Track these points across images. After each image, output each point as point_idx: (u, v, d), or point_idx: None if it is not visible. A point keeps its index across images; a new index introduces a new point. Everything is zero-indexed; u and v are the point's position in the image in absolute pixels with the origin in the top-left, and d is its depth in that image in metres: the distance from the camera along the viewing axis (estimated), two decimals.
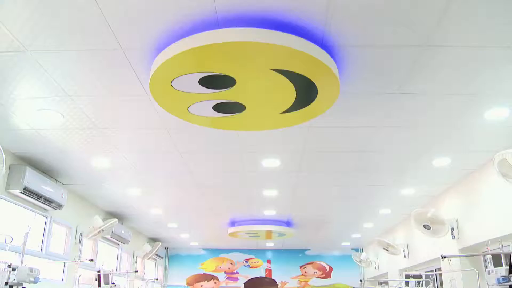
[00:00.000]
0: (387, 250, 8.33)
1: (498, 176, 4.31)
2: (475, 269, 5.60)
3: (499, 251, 4.89)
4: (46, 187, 5.55)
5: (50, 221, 6.15)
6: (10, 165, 5.14)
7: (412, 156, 5.26)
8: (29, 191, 5.22)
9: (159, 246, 8.25)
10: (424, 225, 6.25)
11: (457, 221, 6.20)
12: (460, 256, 5.96)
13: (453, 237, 6.21)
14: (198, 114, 3.78)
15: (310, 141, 4.78)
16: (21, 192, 5.12)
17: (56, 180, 6.10)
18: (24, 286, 4.94)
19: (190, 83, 3.24)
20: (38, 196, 5.43)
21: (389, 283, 8.38)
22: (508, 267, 4.57)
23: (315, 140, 4.77)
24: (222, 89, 3.35)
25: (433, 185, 6.38)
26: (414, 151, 5.11)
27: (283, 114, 3.75)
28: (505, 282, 4.53)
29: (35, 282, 4.93)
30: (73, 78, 3.54)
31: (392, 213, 8.08)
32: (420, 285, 6.81)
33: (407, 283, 6.88)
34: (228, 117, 3.85)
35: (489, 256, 5.33)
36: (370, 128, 4.48)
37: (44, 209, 5.85)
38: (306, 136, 4.64)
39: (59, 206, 5.91)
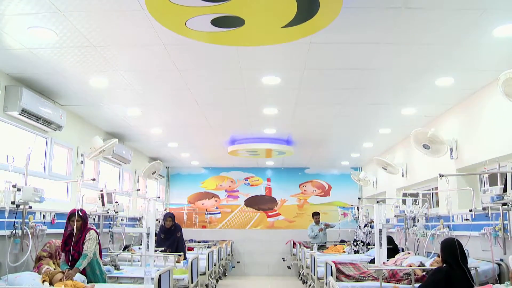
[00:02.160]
0: (386, 169, 8.47)
1: (502, 95, 4.26)
2: (471, 189, 5.72)
3: (495, 170, 4.96)
4: (44, 109, 5.51)
5: (51, 143, 6.18)
6: (5, 86, 5.07)
7: (414, 75, 5.17)
8: (27, 113, 5.18)
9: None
10: (423, 145, 6.29)
11: (456, 141, 6.23)
12: (457, 175, 6.06)
13: (452, 157, 6.27)
14: (196, 29, 3.67)
15: (310, 57, 4.66)
16: (19, 114, 5.09)
17: (54, 101, 6.04)
18: (30, 205, 5.08)
19: None
20: (37, 118, 5.41)
21: (387, 201, 8.61)
22: (503, 186, 4.65)
23: (315, 57, 4.65)
24: (221, 2, 3.20)
25: (434, 105, 6.34)
26: (417, 70, 5.01)
27: (284, 28, 3.65)
28: (499, 200, 4.64)
29: (40, 201, 5.06)
30: None
31: (392, 133, 8.11)
32: (417, 203, 6.99)
33: (404, 201, 7.07)
34: (227, 31, 3.74)
35: (486, 176, 5.43)
36: (372, 44, 4.34)
37: (44, 130, 5.85)
38: (306, 52, 4.52)
39: (59, 127, 5.91)
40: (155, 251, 7.17)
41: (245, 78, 5.35)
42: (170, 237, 7.89)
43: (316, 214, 10.94)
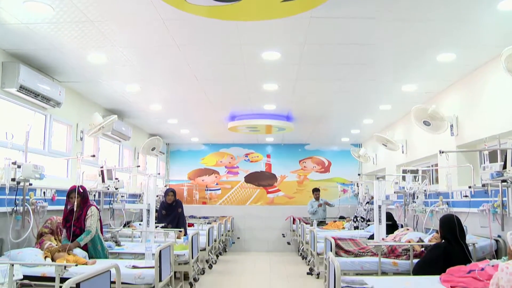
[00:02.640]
0: (386, 146, 8.46)
1: (505, 72, 4.22)
2: (471, 165, 5.72)
3: (496, 147, 4.96)
4: (42, 85, 5.46)
5: (50, 120, 6.15)
6: (2, 63, 5.01)
7: (415, 51, 5.11)
8: (26, 89, 5.14)
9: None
10: (424, 122, 6.27)
11: (457, 118, 6.20)
12: (457, 151, 6.05)
13: (452, 134, 6.26)
14: (195, 3, 3.61)
15: (311, 32, 4.59)
16: (17, 91, 5.05)
17: (53, 78, 5.99)
18: (30, 182, 5.09)
19: None
20: (35, 95, 5.37)
21: (386, 177, 8.63)
22: (503, 163, 4.66)
23: (316, 32, 4.59)
24: None
25: (435, 81, 6.29)
26: (418, 46, 4.94)
27: (284, 2, 3.60)
28: (498, 177, 4.65)
29: (40, 178, 5.07)
30: None
31: (392, 110, 8.08)
32: (416, 179, 7.00)
33: (403, 178, 7.08)
34: (226, 5, 3.68)
35: (486, 153, 5.41)
36: (373, 20, 4.28)
37: (43, 107, 5.82)
38: (307, 27, 4.46)
39: (58, 104, 5.87)
40: (156, 227, 7.22)
41: (244, 54, 5.29)
42: (171, 213, 7.93)
43: (316, 190, 10.99)
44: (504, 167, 4.58)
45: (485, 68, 5.44)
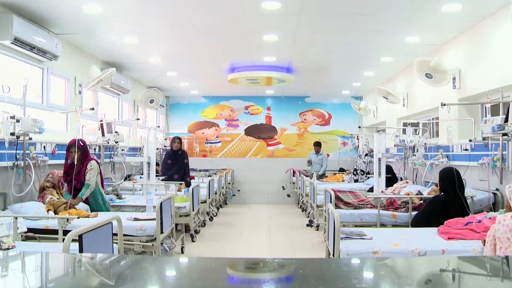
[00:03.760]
0: (387, 99, 8.40)
1: None
2: (472, 119, 5.68)
3: (498, 100, 4.91)
4: (38, 37, 5.33)
5: (47, 73, 6.07)
6: None
7: (420, 0, 4.95)
8: (20, 42, 5.02)
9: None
10: (426, 74, 6.18)
11: (459, 70, 6.11)
12: (459, 104, 6.00)
13: (454, 87, 6.19)
14: None
15: None
16: (11, 43, 4.93)
17: (48, 30, 5.85)
18: (30, 137, 5.08)
19: None
20: (31, 47, 5.25)
21: (387, 130, 8.62)
22: (504, 116, 4.62)
23: None
24: None
25: (439, 33, 6.15)
26: None
27: None
28: (499, 130, 4.63)
29: (40, 132, 5.05)
30: None
31: (394, 62, 7.95)
32: (417, 133, 6.99)
33: (404, 131, 7.06)
34: None
35: (488, 106, 5.37)
36: None
37: (39, 60, 5.72)
38: None
39: (54, 57, 5.76)
40: (162, 179, 7.31)
41: (244, 3, 5.14)
42: (177, 162, 7.98)
43: (316, 145, 11.00)
44: (506, 120, 4.56)
45: (491, 19, 5.29)
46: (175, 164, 7.97)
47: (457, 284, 1.50)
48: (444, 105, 5.26)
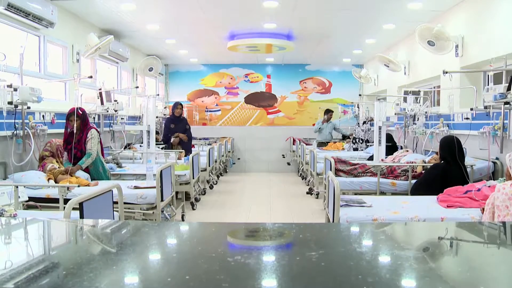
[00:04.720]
0: (388, 67, 8.31)
1: None
2: (474, 87, 5.64)
3: (502, 68, 4.86)
4: (32, 4, 5.21)
5: (44, 41, 5.98)
6: None
7: None
8: (14, 8, 4.89)
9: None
10: (428, 42, 6.10)
11: (462, 38, 6.02)
12: (461, 72, 5.94)
13: (457, 55, 6.11)
14: None
15: None
16: (5, 9, 4.80)
17: None
18: (28, 106, 5.05)
19: None
20: (26, 14, 5.14)
21: (387, 98, 8.57)
22: (507, 84, 4.58)
23: None
24: None
25: None
26: None
27: None
28: (502, 99, 4.60)
29: (38, 101, 5.02)
30: None
31: (395, 29, 7.82)
32: (418, 101, 6.95)
33: (405, 99, 7.02)
34: None
35: (490, 74, 5.32)
36: None
37: (35, 27, 5.62)
38: None
39: (50, 24, 5.66)
40: (162, 148, 7.33)
41: None
42: (180, 126, 8.00)
43: (327, 112, 10.81)
44: (509, 88, 4.52)
45: None
46: (178, 128, 7.98)
47: (454, 250, 1.51)
48: (446, 72, 5.20)
